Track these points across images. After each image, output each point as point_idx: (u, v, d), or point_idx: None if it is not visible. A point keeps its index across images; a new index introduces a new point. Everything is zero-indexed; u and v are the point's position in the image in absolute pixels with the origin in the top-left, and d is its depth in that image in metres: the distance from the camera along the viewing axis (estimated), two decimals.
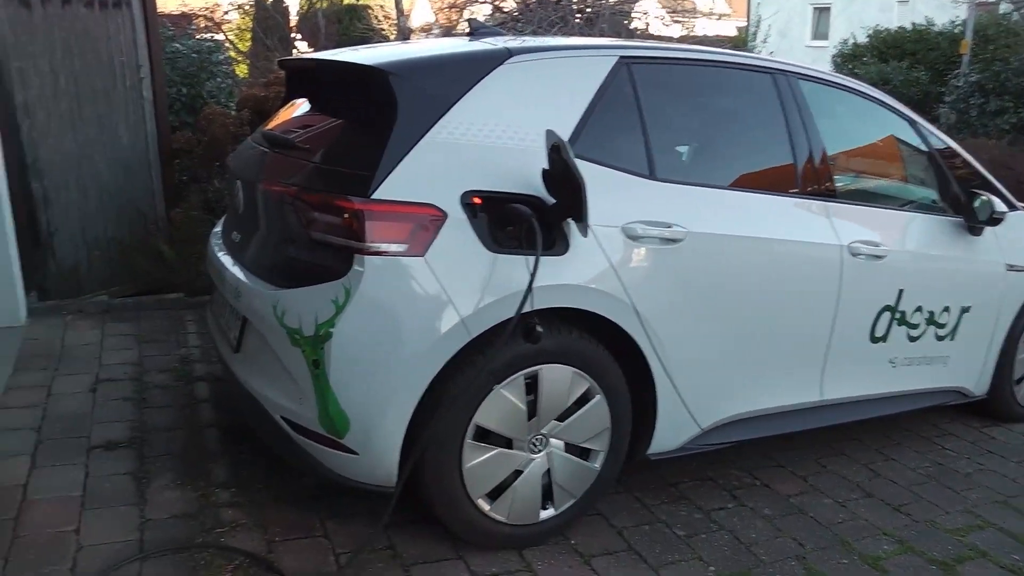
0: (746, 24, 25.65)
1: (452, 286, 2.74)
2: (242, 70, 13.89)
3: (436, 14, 24.61)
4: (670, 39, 11.28)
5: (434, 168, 2.79)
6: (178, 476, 3.47)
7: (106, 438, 3.74)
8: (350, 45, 4.52)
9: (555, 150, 2.77)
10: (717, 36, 17.50)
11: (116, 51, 5.91)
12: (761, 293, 3.42)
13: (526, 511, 3.09)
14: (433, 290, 2.73)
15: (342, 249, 2.72)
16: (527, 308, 2.76)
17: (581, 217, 2.77)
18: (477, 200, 2.80)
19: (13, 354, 4.67)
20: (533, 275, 2.75)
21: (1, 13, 5.20)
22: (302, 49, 21.80)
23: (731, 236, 3.30)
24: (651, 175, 3.17)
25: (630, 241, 3.04)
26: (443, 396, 2.80)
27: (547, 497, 3.14)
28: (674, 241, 3.12)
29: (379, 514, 2.94)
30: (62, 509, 3.20)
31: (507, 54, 3.06)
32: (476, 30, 3.60)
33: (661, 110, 3.32)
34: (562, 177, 2.79)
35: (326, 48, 20.07)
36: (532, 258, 2.76)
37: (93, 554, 2.93)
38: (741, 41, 18.29)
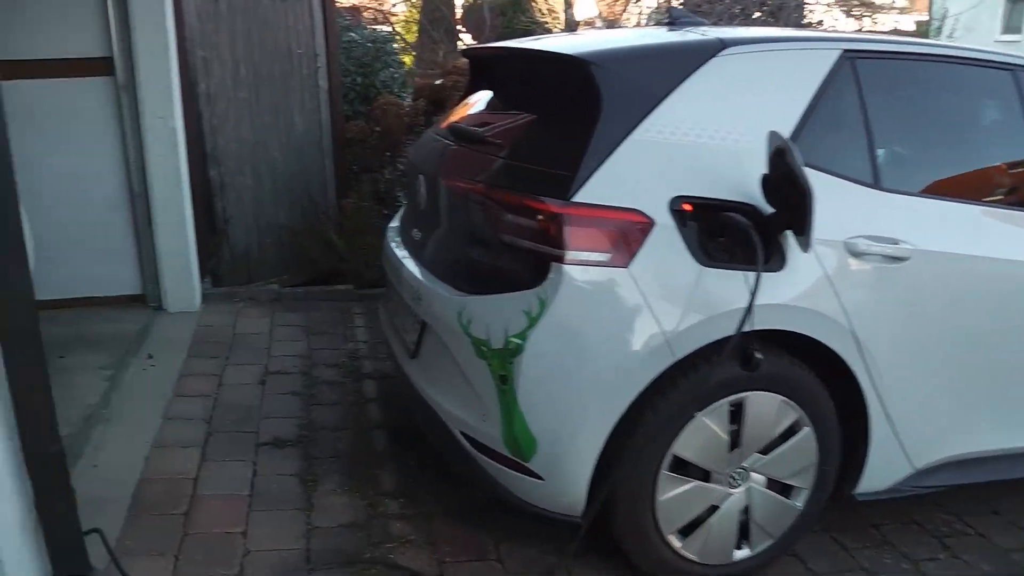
0: (928, 18, 24.16)
1: (657, 302, 2.47)
2: (408, 61, 13.99)
3: (599, 7, 24.34)
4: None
5: (640, 170, 2.53)
6: (345, 481, 3.35)
7: (274, 435, 3.66)
8: (514, 38, 4.31)
9: (779, 154, 2.46)
10: (895, 31, 16.50)
11: (294, 40, 5.94)
12: (994, 321, 2.98)
13: (720, 550, 2.80)
14: (636, 305, 2.46)
15: (537, 256, 2.49)
16: (745, 330, 2.47)
17: (804, 230, 2.45)
18: (687, 207, 2.51)
19: (188, 340, 4.70)
20: (754, 294, 2.44)
21: (190, 4, 5.27)
22: (467, 41, 21.94)
23: (962, 255, 2.89)
24: (875, 184, 2.80)
25: (852, 258, 2.68)
26: (640, 421, 2.54)
27: (743, 536, 2.83)
28: (900, 259, 2.74)
29: (558, 538, 2.72)
30: (230, 508, 3.12)
31: (720, 45, 2.76)
32: (677, 19, 3.31)
33: (887, 111, 2.93)
34: (785, 184, 2.47)
35: (490, 40, 20.17)
36: (751, 275, 2.46)
37: (260, 561, 2.83)
38: (922, 35, 17.19)
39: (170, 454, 3.48)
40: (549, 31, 20.51)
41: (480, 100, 3.48)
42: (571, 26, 20.37)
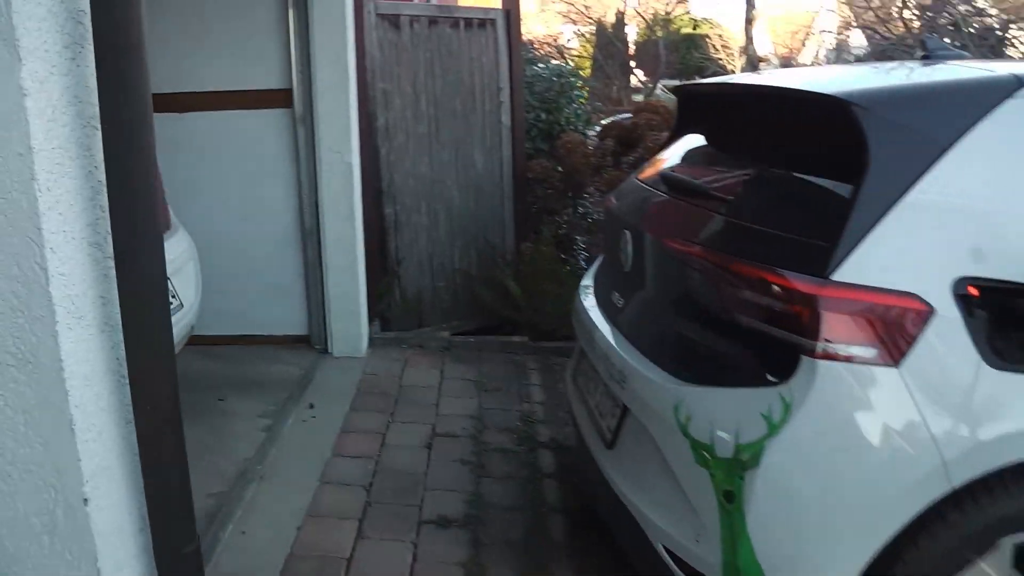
0: None
1: (933, 412, 1.87)
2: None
3: (774, 44, 23.39)
4: None
5: (917, 242, 1.94)
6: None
7: (439, 512, 3.23)
8: (689, 74, 3.80)
9: None
10: None
11: (477, 73, 5.62)
12: None
13: None
14: (907, 415, 1.87)
15: (782, 345, 1.94)
16: None
17: None
18: (975, 291, 1.91)
19: (352, 389, 4.37)
20: None
21: (372, 34, 5.04)
22: (640, 77, 21.48)
23: None
24: None
25: None
26: (896, 563, 1.94)
27: None
28: None
29: None
30: None
31: (1018, 83, 2.14)
32: (933, 51, 2.70)
33: None
34: None
35: (663, 76, 19.62)
36: None
37: None
38: None
39: (324, 526, 3.10)
40: (724, 68, 19.78)
41: (691, 144, 2.97)
42: (753, 63, 19.56)
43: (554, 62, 7.41)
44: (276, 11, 4.53)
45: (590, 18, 27.12)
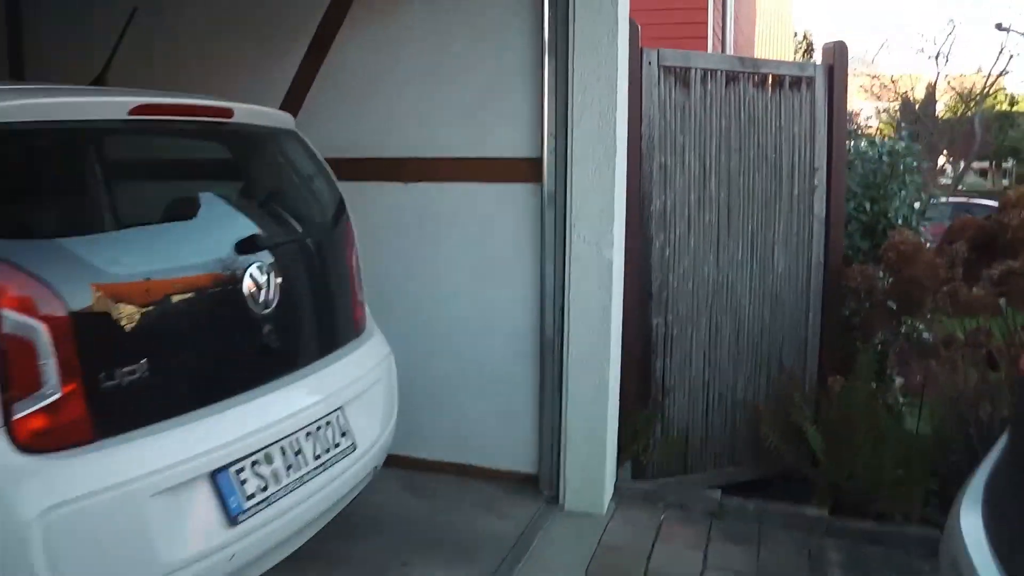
0: None
1: None
2: None
3: None
4: None
5: None
6: None
7: None
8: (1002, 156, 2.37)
9: None
10: None
11: (786, 147, 4.36)
12: None
13: None
14: None
15: None
16: None
17: None
18: None
19: (579, 569, 3.18)
20: None
21: (653, 93, 3.92)
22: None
23: None
24: None
25: None
26: None
27: None
28: None
29: None
30: None
31: None
32: None
33: None
34: None
35: (974, 158, 17.22)
36: None
37: None
38: None
39: None
40: None
41: None
42: None
43: (878, 138, 5.90)
44: (527, 57, 3.60)
45: (896, 92, 24.65)
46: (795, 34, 19.54)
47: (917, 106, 23.62)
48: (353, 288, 3.02)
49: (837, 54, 4.44)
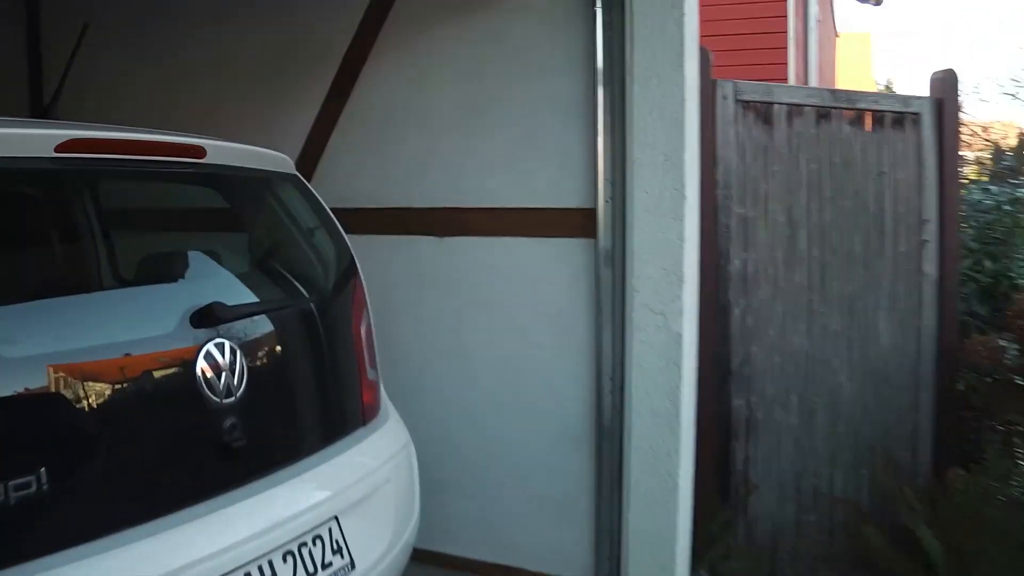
0: None
1: None
2: None
3: None
4: None
5: None
6: None
7: None
8: None
9: None
10: None
11: (888, 195, 3.92)
12: None
13: None
14: None
15: None
16: None
17: None
18: None
19: None
20: None
21: (729, 132, 3.44)
22: None
23: None
24: None
25: None
26: None
27: None
28: None
29: None
30: None
31: None
32: None
33: None
34: None
35: None
36: None
37: None
38: None
39: None
40: None
41: None
42: None
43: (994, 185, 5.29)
44: (578, 89, 3.14)
45: (987, 140, 23.43)
46: (876, 84, 18.89)
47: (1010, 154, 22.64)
48: (360, 365, 2.52)
49: (947, 85, 3.89)
